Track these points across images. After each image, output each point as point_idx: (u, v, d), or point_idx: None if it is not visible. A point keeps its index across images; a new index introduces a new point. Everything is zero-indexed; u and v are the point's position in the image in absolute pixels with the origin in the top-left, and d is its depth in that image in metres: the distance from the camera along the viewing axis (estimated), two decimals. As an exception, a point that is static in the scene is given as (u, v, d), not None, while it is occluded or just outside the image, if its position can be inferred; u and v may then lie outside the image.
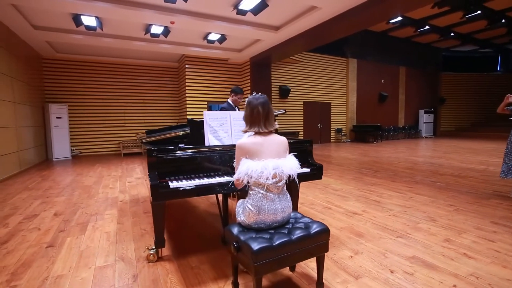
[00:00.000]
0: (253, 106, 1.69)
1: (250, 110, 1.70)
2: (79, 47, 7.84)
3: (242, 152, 1.65)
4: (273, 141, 1.69)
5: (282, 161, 1.64)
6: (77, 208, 3.59)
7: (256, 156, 1.63)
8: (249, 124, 1.72)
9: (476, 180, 4.92)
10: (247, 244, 1.48)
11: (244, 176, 1.61)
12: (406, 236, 2.57)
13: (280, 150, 1.70)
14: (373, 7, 5.28)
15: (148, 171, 1.88)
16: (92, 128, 9.20)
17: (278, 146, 1.70)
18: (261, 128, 1.67)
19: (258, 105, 1.68)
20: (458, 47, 16.90)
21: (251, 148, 1.64)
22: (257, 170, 1.57)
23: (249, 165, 1.59)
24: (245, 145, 1.65)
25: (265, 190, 1.63)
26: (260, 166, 1.58)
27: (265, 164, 1.59)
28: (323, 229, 1.68)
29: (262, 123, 1.68)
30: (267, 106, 1.70)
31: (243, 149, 1.65)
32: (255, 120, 1.68)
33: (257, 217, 1.63)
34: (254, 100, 1.71)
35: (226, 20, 6.11)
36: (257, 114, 1.68)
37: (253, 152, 1.63)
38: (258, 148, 1.64)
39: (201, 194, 1.93)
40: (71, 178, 5.51)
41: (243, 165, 1.62)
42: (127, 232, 2.76)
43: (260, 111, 1.68)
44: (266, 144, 1.66)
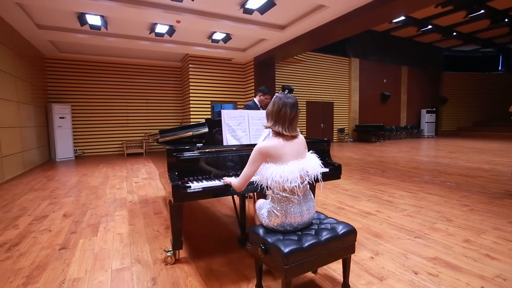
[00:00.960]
0: (282, 104, 1.60)
1: (277, 107, 1.61)
2: (82, 47, 7.79)
3: (262, 156, 1.59)
4: (294, 141, 1.64)
5: (306, 162, 1.60)
6: (86, 209, 3.54)
7: (278, 159, 1.57)
8: (273, 121, 1.62)
9: (486, 180, 4.88)
10: (277, 247, 1.44)
11: (265, 181, 1.57)
12: (424, 237, 2.54)
13: (301, 149, 1.65)
14: (380, 6, 5.24)
15: (167, 171, 1.84)
16: (95, 128, 9.14)
17: (298, 145, 1.65)
18: (284, 130, 1.59)
19: (287, 105, 1.60)
20: (460, 46, 16.90)
21: (274, 152, 1.58)
22: (283, 175, 1.52)
23: (274, 170, 1.54)
24: (267, 149, 1.58)
25: (289, 193, 1.58)
26: (286, 171, 1.53)
27: (290, 169, 1.53)
28: (350, 230, 1.64)
29: (287, 125, 1.60)
30: (295, 109, 1.62)
31: (264, 153, 1.59)
32: (280, 119, 1.60)
33: (284, 221, 1.59)
34: (284, 99, 1.62)
35: (232, 19, 6.06)
36: (284, 114, 1.60)
37: (276, 156, 1.57)
38: (280, 152, 1.57)
39: (222, 195, 1.89)
40: (77, 179, 5.45)
41: (266, 171, 1.57)
42: (140, 233, 2.72)
43: (287, 112, 1.60)
44: (288, 145, 1.60)
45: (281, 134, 1.60)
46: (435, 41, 15.60)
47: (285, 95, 1.66)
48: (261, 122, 2.32)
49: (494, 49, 17.23)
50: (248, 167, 1.64)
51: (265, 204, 1.77)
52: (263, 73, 9.47)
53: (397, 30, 13.81)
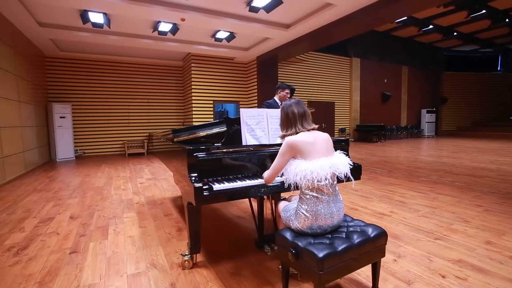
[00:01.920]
0: (287, 109, 1.67)
1: (284, 114, 1.68)
2: (83, 45, 7.66)
3: (291, 150, 1.56)
4: (321, 138, 1.62)
5: (336, 159, 1.56)
6: (92, 210, 3.45)
7: (308, 155, 1.53)
8: (286, 127, 1.68)
9: (494, 179, 4.85)
10: (310, 251, 1.37)
11: (294, 178, 1.52)
12: (444, 238, 2.48)
13: (329, 147, 1.62)
14: (386, 6, 5.18)
15: (188, 173, 1.76)
16: (96, 128, 9.02)
17: (326, 143, 1.62)
18: (297, 128, 1.62)
19: (292, 106, 1.66)
20: (460, 46, 16.94)
21: (303, 146, 1.55)
22: (313, 171, 1.47)
23: (303, 166, 1.49)
24: (296, 142, 1.55)
25: (319, 192, 1.53)
26: (316, 167, 1.48)
27: (321, 165, 1.49)
28: (381, 232, 1.59)
29: (299, 123, 1.63)
30: (301, 105, 1.68)
31: (294, 147, 1.56)
32: (291, 121, 1.64)
33: (314, 223, 1.53)
34: (288, 104, 1.69)
35: (237, 18, 5.99)
36: (292, 115, 1.64)
37: (305, 151, 1.54)
38: (310, 147, 1.55)
39: (244, 196, 1.82)
40: (80, 179, 5.35)
41: (296, 166, 1.52)
42: (152, 236, 2.64)
43: (295, 111, 1.64)
44: (317, 142, 1.58)
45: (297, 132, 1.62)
46: (436, 41, 15.62)
47: (285, 102, 1.74)
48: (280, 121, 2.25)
49: (493, 49, 17.29)
50: (277, 159, 1.62)
51: (290, 205, 1.70)
52: (266, 72, 9.40)
53: (398, 30, 13.81)
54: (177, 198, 4.01)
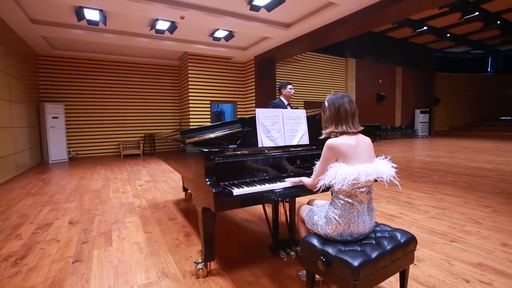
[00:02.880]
0: (339, 104, 1.52)
1: (335, 109, 1.53)
2: (77, 43, 7.44)
3: (333, 154, 1.47)
4: (364, 141, 1.53)
5: (379, 165, 1.48)
6: (92, 215, 3.31)
7: (350, 160, 1.44)
8: (334, 123, 1.53)
9: (494, 179, 4.88)
10: (343, 260, 1.29)
11: (332, 181, 1.43)
12: (460, 240, 2.44)
13: (371, 153, 1.54)
14: (388, 6, 5.17)
15: (205, 177, 1.66)
16: (90, 129, 8.77)
17: (368, 147, 1.54)
18: (349, 127, 1.51)
19: (345, 103, 1.52)
20: (452, 48, 17.22)
21: (346, 150, 1.45)
22: (356, 176, 1.39)
23: (346, 170, 1.40)
24: (338, 146, 1.46)
25: (354, 199, 1.45)
26: (359, 172, 1.39)
27: (365, 170, 1.41)
28: (410, 237, 1.52)
29: (351, 122, 1.51)
30: (353, 104, 1.55)
31: (336, 150, 1.46)
32: (342, 118, 1.51)
33: (346, 229, 1.45)
34: (339, 99, 1.55)
35: (237, 16, 5.89)
36: (344, 112, 1.51)
37: (348, 154, 1.45)
38: (352, 151, 1.46)
39: (266, 201, 1.73)
40: (76, 182, 5.16)
41: (337, 170, 1.43)
42: (159, 242, 2.52)
43: (347, 109, 1.52)
44: (360, 146, 1.49)
45: (346, 132, 1.51)
46: (429, 42, 15.82)
47: (335, 96, 1.58)
48: (296, 122, 2.18)
49: (483, 51, 17.65)
50: (320, 165, 1.54)
51: (318, 210, 1.62)
52: (263, 72, 9.32)
53: (393, 31, 13.93)
54: (179, 201, 3.89)
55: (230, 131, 2.21)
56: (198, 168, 1.78)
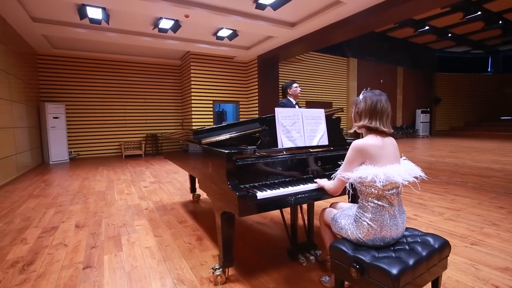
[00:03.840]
0: (377, 100, 1.45)
1: (372, 102, 1.45)
2: (78, 42, 7.33)
3: (360, 156, 1.41)
4: (390, 142, 1.47)
5: (407, 166, 1.41)
6: (99, 218, 3.22)
7: (377, 161, 1.38)
8: (369, 117, 1.45)
9: (502, 180, 4.83)
10: (380, 267, 1.22)
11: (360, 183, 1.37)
12: (480, 243, 2.38)
13: (397, 153, 1.47)
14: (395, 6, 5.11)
15: (227, 180, 1.58)
16: (91, 129, 8.66)
17: (394, 148, 1.47)
18: (383, 125, 1.44)
19: (382, 100, 1.45)
20: (452, 48, 17.23)
21: (373, 151, 1.39)
22: (386, 178, 1.33)
23: (374, 171, 1.34)
24: (365, 147, 1.39)
25: (385, 201, 1.38)
26: (389, 173, 1.34)
27: (395, 171, 1.35)
28: (444, 242, 1.45)
29: (384, 120, 1.45)
30: (389, 104, 1.48)
31: (363, 152, 1.40)
32: (378, 114, 1.44)
33: (378, 234, 1.38)
34: (377, 95, 1.47)
35: (243, 15, 5.81)
36: (381, 108, 1.44)
37: (375, 156, 1.39)
38: (379, 152, 1.40)
39: (290, 204, 1.66)
40: (78, 183, 5.06)
41: (364, 172, 1.36)
42: (171, 247, 2.43)
43: (384, 106, 1.45)
44: (386, 146, 1.43)
45: (378, 131, 1.44)
46: (429, 42, 15.81)
47: (372, 92, 1.50)
48: (315, 122, 2.10)
49: (483, 51, 17.67)
50: (344, 166, 1.47)
51: (345, 213, 1.55)
52: (266, 72, 9.25)
53: (394, 31, 13.90)
54: (187, 203, 3.80)
55: (247, 131, 2.13)
56: (218, 171, 1.70)
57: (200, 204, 3.72)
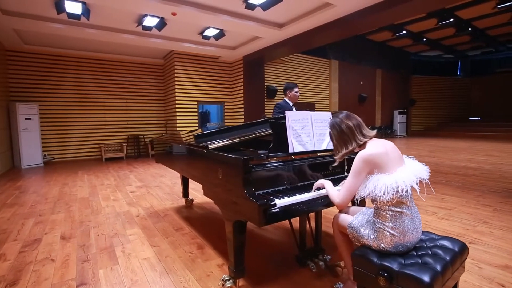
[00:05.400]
0: (339, 125, 1.52)
1: (338, 132, 1.53)
2: (54, 38, 6.86)
3: (367, 166, 1.40)
4: (391, 145, 1.49)
5: (415, 167, 1.42)
6: (86, 228, 2.99)
7: (385, 168, 1.39)
8: (345, 144, 1.52)
9: (481, 178, 5.09)
10: (411, 275, 1.20)
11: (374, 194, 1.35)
12: (477, 242, 2.47)
13: (400, 155, 1.50)
14: (384, 10, 5.25)
15: (243, 188, 1.50)
16: (68, 131, 8.14)
17: (396, 150, 1.49)
18: (359, 140, 1.48)
19: (343, 121, 1.51)
20: (426, 52, 18.13)
21: (380, 159, 1.39)
22: (400, 184, 1.33)
23: (387, 181, 1.34)
24: (372, 156, 1.39)
25: (401, 206, 1.38)
26: (401, 179, 1.34)
27: (406, 175, 1.36)
28: (463, 245, 1.47)
29: (358, 133, 1.49)
30: (352, 117, 1.54)
31: (370, 161, 1.40)
32: (349, 136, 1.50)
33: (402, 240, 1.36)
34: (336, 119, 1.54)
35: (231, 14, 5.71)
36: (348, 129, 1.50)
37: (383, 163, 1.39)
38: (385, 158, 1.40)
39: (309, 211, 1.61)
40: (58, 189, 4.72)
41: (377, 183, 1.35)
42: (171, 257, 2.30)
43: (349, 124, 1.50)
44: (389, 151, 1.44)
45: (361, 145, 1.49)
46: (405, 46, 16.52)
47: (333, 118, 1.58)
48: (323, 125, 2.07)
49: (454, 56, 18.75)
50: (352, 179, 1.44)
51: (362, 221, 1.52)
52: (252, 73, 9.19)
53: (373, 34, 14.37)
54: (180, 208, 3.65)
55: (254, 134, 2.05)
56: (232, 178, 1.62)
57: (194, 210, 3.58)
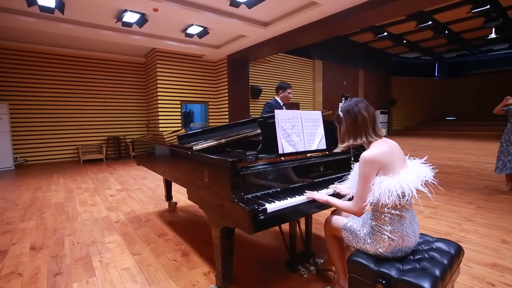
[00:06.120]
0: (356, 113, 1.39)
1: (351, 119, 1.40)
2: (25, 33, 6.43)
3: (374, 168, 1.31)
4: (395, 144, 1.41)
5: (419, 168, 1.37)
6: (60, 236, 2.77)
7: (389, 169, 1.31)
8: (353, 136, 1.41)
9: (461, 176, 5.23)
10: (410, 282, 1.14)
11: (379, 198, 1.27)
12: (464, 240, 2.48)
13: (403, 155, 1.43)
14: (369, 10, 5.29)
15: (232, 193, 1.39)
16: (42, 131, 7.67)
17: (399, 149, 1.42)
18: (370, 136, 1.38)
19: (361, 110, 1.39)
20: (405, 53, 18.70)
21: (385, 159, 1.31)
22: (405, 187, 1.27)
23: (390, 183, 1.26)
24: (377, 158, 1.31)
25: (401, 209, 1.32)
26: (406, 181, 1.28)
27: (410, 178, 1.31)
28: (458, 247, 1.45)
29: (371, 130, 1.39)
30: (371, 109, 1.43)
31: (375, 163, 1.31)
32: (361, 128, 1.39)
33: (401, 245, 1.30)
34: (354, 106, 1.41)
35: (215, 12, 5.56)
36: (363, 120, 1.38)
37: (388, 164, 1.31)
38: (390, 158, 1.32)
39: (300, 215, 1.52)
40: (29, 195, 4.40)
41: (380, 185, 1.28)
42: (153, 266, 2.15)
43: (365, 116, 1.39)
44: (394, 152, 1.37)
45: (368, 142, 1.39)
46: (386, 47, 16.95)
47: (349, 103, 1.44)
48: (313, 125, 2.00)
49: (431, 58, 19.47)
50: (362, 184, 1.33)
51: (357, 224, 1.45)
52: (236, 72, 9.06)
53: (355, 35, 14.63)
54: (163, 212, 3.48)
55: (241, 135, 1.95)
56: (219, 182, 1.50)
57: (178, 213, 3.43)
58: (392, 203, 1.26)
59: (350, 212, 1.40)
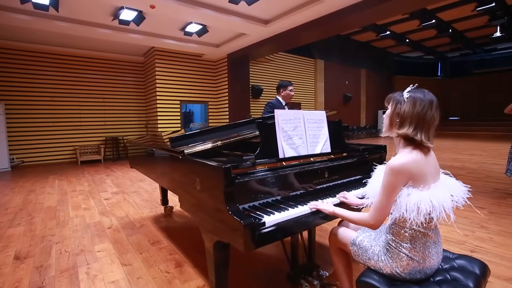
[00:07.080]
0: (427, 104, 1.13)
1: (421, 108, 1.12)
2: (20, 32, 6.29)
3: (402, 179, 1.10)
4: (431, 155, 1.19)
5: (452, 184, 1.18)
6: (48, 244, 2.62)
7: (420, 181, 1.11)
8: (414, 126, 1.13)
9: (468, 178, 5.05)
10: (435, 314, 0.97)
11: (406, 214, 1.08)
12: (479, 250, 2.31)
13: (437, 166, 1.22)
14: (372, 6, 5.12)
15: (226, 204, 1.23)
16: (39, 132, 7.54)
17: (435, 160, 1.21)
18: (427, 139, 1.13)
19: (433, 105, 1.14)
20: (408, 53, 18.49)
21: (417, 169, 1.11)
22: (437, 205, 1.07)
23: (419, 198, 1.07)
24: (407, 167, 1.09)
25: (427, 227, 1.14)
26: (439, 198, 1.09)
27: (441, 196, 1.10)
28: (483, 266, 1.27)
29: (431, 133, 1.15)
30: (438, 113, 1.16)
31: (404, 173, 1.10)
32: (425, 124, 1.13)
33: (422, 266, 1.13)
34: (428, 96, 1.15)
35: (214, 9, 5.40)
36: (431, 118, 1.13)
37: (419, 175, 1.11)
38: (422, 169, 1.11)
39: (303, 228, 1.36)
40: (21, 198, 4.25)
41: (409, 200, 1.08)
42: (144, 279, 1.99)
43: (434, 116, 1.14)
44: (429, 163, 1.15)
45: (419, 145, 1.14)
46: (389, 46, 16.75)
47: (424, 94, 1.16)
48: (317, 126, 1.83)
49: (434, 57, 19.26)
50: (383, 196, 1.13)
51: (369, 239, 1.28)
52: (237, 71, 8.90)
53: (357, 34, 14.43)
54: (158, 217, 3.32)
55: (239, 137, 1.78)
56: (211, 191, 1.34)
57: (174, 219, 3.27)
58: (420, 223, 1.08)
59: (365, 224, 1.21)
